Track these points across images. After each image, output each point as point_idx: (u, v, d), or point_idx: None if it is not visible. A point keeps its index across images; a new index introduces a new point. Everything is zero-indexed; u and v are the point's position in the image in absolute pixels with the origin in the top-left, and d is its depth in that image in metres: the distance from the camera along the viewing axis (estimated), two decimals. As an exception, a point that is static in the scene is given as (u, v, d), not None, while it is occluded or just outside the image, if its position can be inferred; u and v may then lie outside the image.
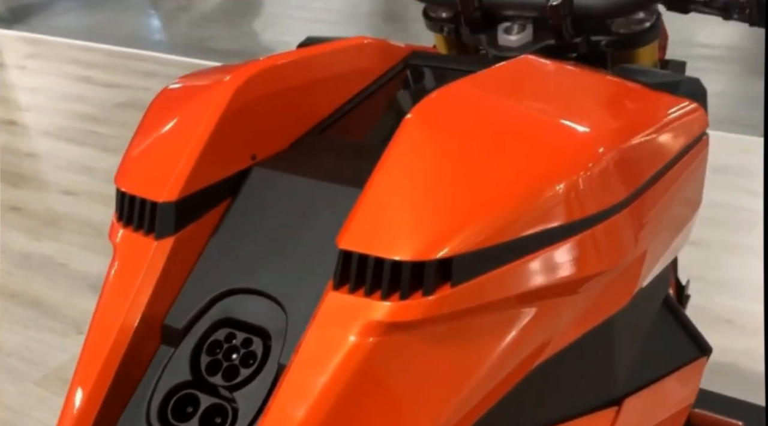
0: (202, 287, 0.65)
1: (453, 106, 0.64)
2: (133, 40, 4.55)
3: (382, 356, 0.55)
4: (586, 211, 0.60)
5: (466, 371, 0.58)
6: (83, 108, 3.50)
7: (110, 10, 5.21)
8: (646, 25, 0.85)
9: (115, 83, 3.80)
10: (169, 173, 0.66)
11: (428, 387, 0.57)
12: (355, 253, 0.56)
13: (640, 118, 0.69)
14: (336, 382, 0.54)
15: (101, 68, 4.03)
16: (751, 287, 2.07)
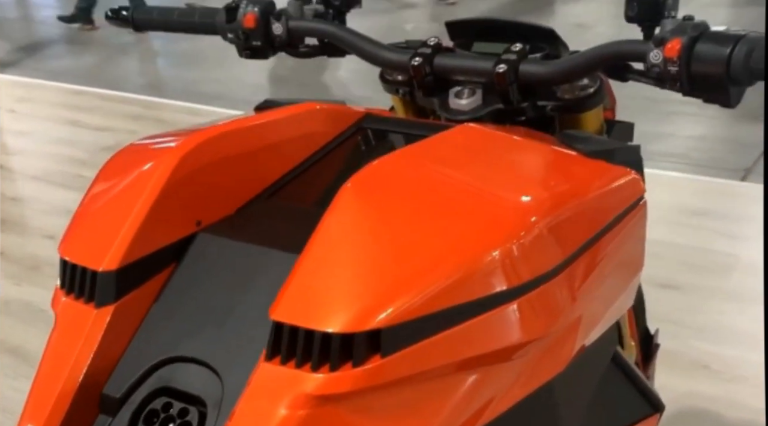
0: (141, 355, 0.66)
1: (390, 177, 0.66)
2: (122, 83, 4.61)
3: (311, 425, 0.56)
4: (517, 279, 0.62)
5: None
6: (71, 151, 3.53)
7: (102, 54, 5.27)
8: (590, 91, 0.87)
9: (103, 127, 3.83)
10: (110, 242, 0.67)
11: None
12: (287, 325, 0.57)
13: (574, 186, 0.71)
14: None
15: (90, 112, 4.07)
16: (728, 332, 2.08)
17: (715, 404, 1.85)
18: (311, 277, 0.59)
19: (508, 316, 0.62)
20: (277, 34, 1.00)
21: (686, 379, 1.93)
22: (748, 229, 2.59)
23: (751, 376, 1.93)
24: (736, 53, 0.71)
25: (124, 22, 1.10)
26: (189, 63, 4.92)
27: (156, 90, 4.48)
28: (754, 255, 2.43)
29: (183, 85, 4.56)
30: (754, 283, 2.30)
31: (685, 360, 2.00)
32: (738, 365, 1.96)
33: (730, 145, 3.28)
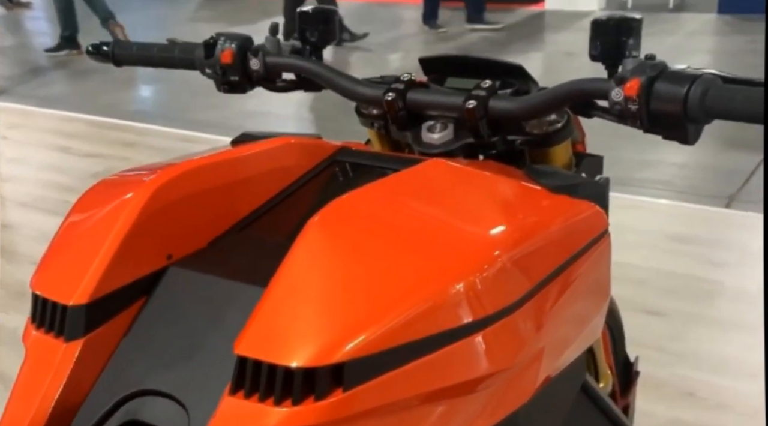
0: (110, 389, 0.67)
1: (357, 211, 0.67)
2: (115, 109, 4.63)
3: None
4: (481, 312, 0.63)
5: None
6: (61, 178, 3.54)
7: (95, 80, 5.31)
8: (557, 126, 0.89)
9: (93, 153, 3.85)
10: (81, 276, 0.68)
11: None
12: (250, 359, 0.58)
13: (538, 220, 0.73)
14: None
15: (81, 138, 4.09)
16: (713, 359, 2.09)
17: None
18: (275, 312, 0.60)
19: (472, 348, 0.63)
20: (254, 69, 1.02)
21: (671, 407, 1.94)
22: (732, 255, 2.61)
23: (735, 404, 1.93)
24: (692, 92, 0.73)
25: (104, 57, 1.12)
26: (183, 90, 4.95)
27: (149, 116, 4.51)
28: (738, 281, 2.46)
29: (177, 112, 4.59)
30: (738, 310, 2.31)
31: (669, 387, 2.01)
32: (722, 393, 1.97)
33: (714, 173, 3.32)
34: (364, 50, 5.61)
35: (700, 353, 2.13)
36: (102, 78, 5.29)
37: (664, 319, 2.28)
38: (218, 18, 6.95)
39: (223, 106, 4.36)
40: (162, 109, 4.80)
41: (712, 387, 1.99)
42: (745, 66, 4.76)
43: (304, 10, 1.04)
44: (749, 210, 2.93)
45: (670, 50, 5.04)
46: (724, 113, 0.73)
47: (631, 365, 1.49)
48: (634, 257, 2.58)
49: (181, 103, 4.68)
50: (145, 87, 5.36)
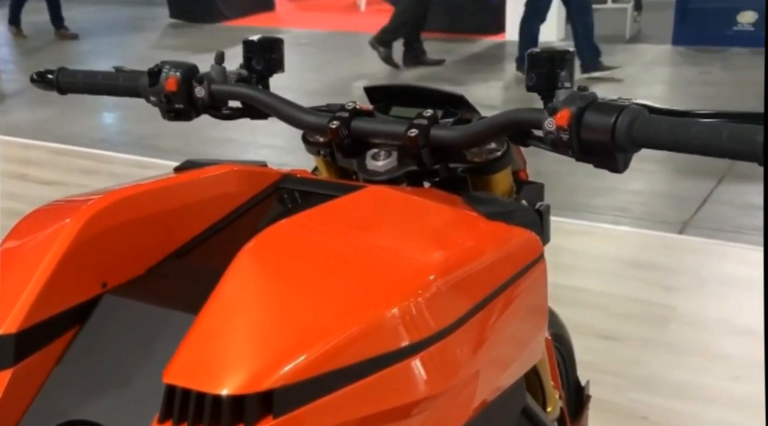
0: (40, 419, 0.66)
1: (291, 239, 0.68)
2: (76, 136, 4.59)
3: None
4: (414, 336, 0.64)
5: None
6: (16, 205, 3.48)
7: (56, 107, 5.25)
8: (497, 154, 0.92)
9: (52, 180, 3.80)
10: (11, 304, 0.68)
11: None
12: (179, 388, 0.58)
13: (473, 246, 0.74)
14: None
15: (39, 165, 4.04)
16: (666, 383, 2.12)
17: (653, 455, 1.87)
18: (204, 339, 0.60)
19: (407, 372, 0.64)
20: (199, 97, 1.02)
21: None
22: (685, 280, 2.66)
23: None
24: (619, 122, 0.76)
25: (48, 85, 1.12)
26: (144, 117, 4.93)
27: (110, 144, 4.47)
28: (692, 306, 2.50)
29: (138, 139, 4.56)
30: (690, 335, 2.35)
31: (623, 411, 2.03)
32: (676, 417, 2.00)
33: (668, 200, 3.39)
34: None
35: (655, 378, 2.15)
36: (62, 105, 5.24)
37: (620, 344, 2.31)
38: (182, 47, 6.95)
39: (187, 134, 4.34)
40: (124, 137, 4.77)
41: (666, 411, 2.02)
42: (697, 96, 4.90)
43: (251, 39, 1.05)
44: (702, 236, 2.99)
45: (628, 80, 5.16)
46: (649, 142, 0.75)
47: (582, 389, 1.50)
48: (589, 282, 2.61)
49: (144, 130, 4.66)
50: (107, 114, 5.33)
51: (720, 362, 2.21)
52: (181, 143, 4.31)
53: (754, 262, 2.72)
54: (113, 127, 5.16)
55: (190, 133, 4.41)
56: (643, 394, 2.09)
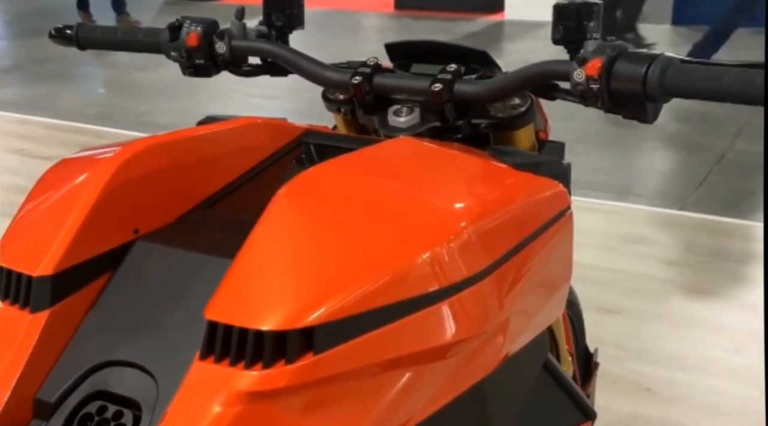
0: (76, 360, 0.66)
1: (324, 182, 0.68)
2: (72, 112, 4.56)
3: (245, 424, 0.57)
4: (448, 280, 0.64)
5: None
6: (15, 180, 3.47)
7: (52, 83, 5.22)
8: (521, 110, 0.92)
9: (50, 156, 3.77)
10: (47, 248, 0.68)
11: None
12: (221, 324, 0.59)
13: (502, 195, 0.74)
14: None
15: (37, 141, 4.02)
16: (667, 355, 2.14)
17: (652, 424, 1.89)
18: (245, 278, 0.60)
19: (439, 315, 0.64)
20: (220, 53, 1.02)
21: (628, 401, 1.97)
22: (685, 256, 2.67)
23: (688, 397, 1.98)
24: (651, 71, 0.76)
25: (67, 40, 1.11)
26: (141, 94, 4.90)
27: (108, 120, 4.45)
28: (692, 281, 2.52)
29: (135, 115, 4.54)
30: (690, 309, 2.37)
31: (626, 383, 2.04)
32: (677, 387, 2.02)
33: (668, 177, 3.40)
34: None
35: (656, 350, 2.17)
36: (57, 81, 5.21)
37: (621, 317, 2.33)
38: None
39: (185, 111, 4.33)
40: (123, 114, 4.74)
41: (668, 382, 2.04)
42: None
43: None
44: (702, 213, 3.00)
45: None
46: (682, 91, 0.76)
47: (590, 356, 1.51)
48: (590, 258, 2.62)
49: (141, 107, 4.63)
50: (105, 91, 5.29)
51: (720, 335, 2.23)
52: (180, 120, 4.29)
53: (754, 238, 2.74)
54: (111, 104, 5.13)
55: (189, 110, 4.40)
56: (645, 366, 2.11)
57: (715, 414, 1.92)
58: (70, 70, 5.41)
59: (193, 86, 5.07)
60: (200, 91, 4.88)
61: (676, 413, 1.93)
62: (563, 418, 0.94)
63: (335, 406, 0.61)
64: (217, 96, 4.96)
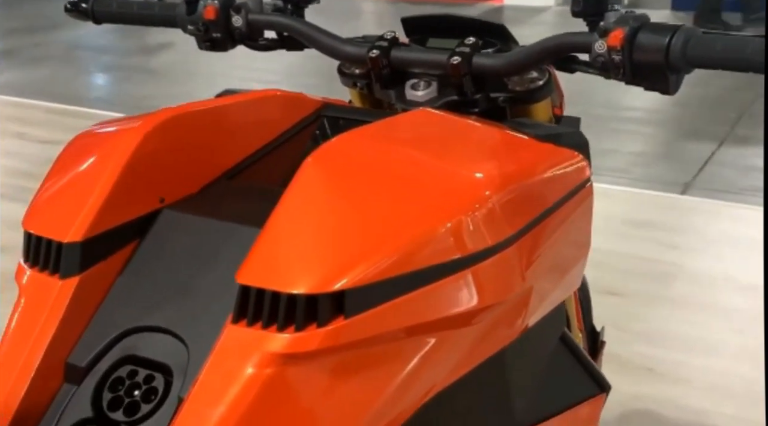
0: (107, 325, 0.67)
1: (350, 151, 0.68)
2: (71, 97, 4.55)
3: (278, 387, 0.58)
4: (474, 247, 0.65)
5: (362, 402, 0.62)
6: (17, 164, 3.46)
7: (50, 67, 5.20)
8: (539, 83, 0.92)
9: (50, 139, 3.77)
10: (75, 214, 0.68)
11: (324, 418, 0.60)
12: (253, 288, 0.59)
13: (525, 165, 0.75)
14: (232, 413, 0.56)
15: (37, 125, 4.01)
16: (671, 337, 2.15)
17: (660, 405, 1.90)
18: (277, 243, 0.61)
19: (464, 282, 0.65)
20: (236, 27, 1.02)
21: (632, 382, 1.98)
22: (690, 239, 2.68)
23: (693, 378, 2.00)
24: (674, 42, 0.76)
25: (83, 14, 1.11)
26: (140, 78, 4.89)
27: (107, 104, 4.44)
28: (696, 264, 2.53)
29: (135, 100, 4.52)
30: (695, 291, 2.38)
31: (630, 364, 2.06)
32: (681, 368, 2.03)
33: (667, 161, 3.40)
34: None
35: (660, 332, 2.19)
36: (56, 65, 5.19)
37: (624, 299, 2.34)
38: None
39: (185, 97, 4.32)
40: (122, 98, 4.73)
41: (672, 363, 2.05)
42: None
43: None
44: (704, 197, 3.01)
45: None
46: (704, 62, 0.76)
47: (597, 334, 1.52)
48: (593, 240, 2.63)
49: (140, 91, 4.62)
50: (104, 76, 5.28)
51: (723, 316, 2.25)
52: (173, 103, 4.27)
53: (759, 222, 2.75)
54: (109, 88, 5.12)
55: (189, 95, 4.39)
56: (648, 347, 2.12)
57: (719, 393, 1.94)
58: (67, 54, 5.39)
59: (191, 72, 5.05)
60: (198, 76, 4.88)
61: (680, 394, 1.95)
62: (579, 389, 0.95)
63: (363, 370, 0.61)
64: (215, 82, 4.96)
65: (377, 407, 0.62)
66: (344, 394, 0.61)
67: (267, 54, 1.06)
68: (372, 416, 0.62)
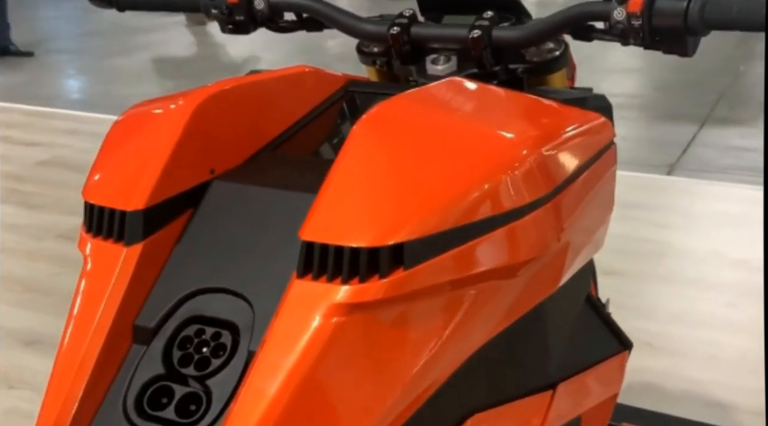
0: (171, 289, 0.69)
1: (395, 116, 0.71)
2: (53, 99, 4.52)
3: (345, 335, 0.61)
4: (516, 202, 0.68)
5: (418, 349, 0.65)
6: (4, 167, 3.44)
7: (30, 71, 5.16)
8: (555, 54, 0.95)
9: (36, 142, 3.75)
10: (136, 185, 0.71)
11: (385, 363, 0.63)
12: (317, 244, 0.62)
13: (556, 127, 0.78)
14: (304, 360, 0.59)
15: (21, 128, 3.98)
16: (665, 312, 2.21)
17: (659, 377, 1.95)
18: (337, 201, 0.64)
19: (510, 235, 0.68)
20: (258, 9, 1.04)
21: (633, 356, 2.04)
22: (677, 218, 2.75)
23: (689, 350, 2.05)
24: (692, 6, 0.80)
25: (107, 3, 1.12)
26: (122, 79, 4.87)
27: (89, 106, 4.42)
28: (685, 241, 2.59)
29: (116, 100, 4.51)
30: (685, 267, 2.44)
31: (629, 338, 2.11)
32: (676, 340, 2.09)
33: (649, 144, 3.47)
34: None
35: (654, 307, 2.24)
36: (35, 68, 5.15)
37: (618, 278, 2.39)
38: None
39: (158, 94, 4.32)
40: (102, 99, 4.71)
41: (668, 336, 2.11)
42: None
43: None
44: (689, 177, 3.09)
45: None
46: (722, 23, 0.80)
47: (603, 306, 1.57)
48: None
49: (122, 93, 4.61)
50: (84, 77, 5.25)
51: (714, 291, 2.31)
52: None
53: (743, 199, 2.83)
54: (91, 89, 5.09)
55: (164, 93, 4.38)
56: (644, 322, 2.17)
57: (714, 363, 1.99)
58: (49, 59, 5.35)
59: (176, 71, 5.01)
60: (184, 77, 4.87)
61: (678, 365, 2.00)
62: (605, 347, 0.99)
63: (421, 319, 0.65)
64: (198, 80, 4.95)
65: (432, 353, 0.65)
66: (402, 341, 0.64)
67: (248, 51, 1.08)
68: (428, 361, 0.65)
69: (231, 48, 5.38)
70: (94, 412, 0.66)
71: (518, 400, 0.79)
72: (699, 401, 1.85)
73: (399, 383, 0.64)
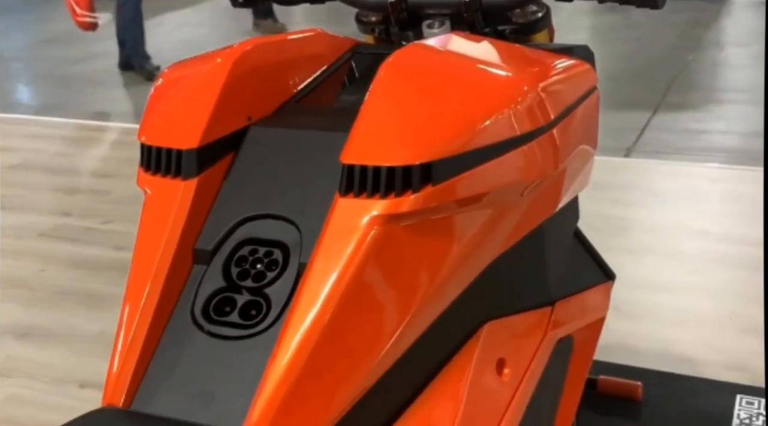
0: (224, 217, 0.78)
1: (415, 59, 0.81)
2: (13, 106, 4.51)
3: (385, 242, 0.70)
4: (524, 128, 0.78)
5: (444, 256, 0.75)
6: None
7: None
8: (539, 15, 1.07)
9: (4, 147, 3.75)
10: (189, 127, 0.80)
11: (417, 267, 0.73)
12: (357, 165, 0.71)
13: (550, 69, 0.89)
14: (351, 264, 0.68)
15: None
16: (631, 281, 2.32)
17: (626, 337, 2.07)
18: (372, 128, 0.73)
19: (521, 156, 0.78)
20: None
21: (602, 319, 2.16)
22: (640, 196, 2.89)
23: (657, 313, 2.18)
24: None
25: None
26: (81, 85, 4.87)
27: (54, 110, 4.41)
28: (647, 216, 2.73)
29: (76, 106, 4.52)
30: (648, 240, 2.58)
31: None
32: (643, 306, 2.21)
33: (609, 131, 3.61)
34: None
35: (620, 276, 2.36)
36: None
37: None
38: None
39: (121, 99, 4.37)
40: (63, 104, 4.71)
41: (635, 302, 2.23)
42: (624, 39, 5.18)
43: None
44: (646, 159, 3.24)
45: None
46: None
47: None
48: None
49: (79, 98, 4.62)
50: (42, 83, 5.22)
51: (677, 260, 2.45)
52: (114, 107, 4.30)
53: (702, 176, 3.00)
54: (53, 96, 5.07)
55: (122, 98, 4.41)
56: (613, 291, 2.30)
57: (682, 325, 2.13)
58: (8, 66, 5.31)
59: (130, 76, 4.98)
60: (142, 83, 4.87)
61: (643, 327, 2.12)
62: (592, 275, 1.11)
63: (446, 232, 0.75)
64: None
65: (454, 264, 0.75)
66: (432, 249, 0.73)
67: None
68: (451, 271, 0.75)
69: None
70: (165, 323, 0.74)
71: (524, 313, 0.89)
72: (668, 357, 1.98)
73: (429, 285, 0.73)
